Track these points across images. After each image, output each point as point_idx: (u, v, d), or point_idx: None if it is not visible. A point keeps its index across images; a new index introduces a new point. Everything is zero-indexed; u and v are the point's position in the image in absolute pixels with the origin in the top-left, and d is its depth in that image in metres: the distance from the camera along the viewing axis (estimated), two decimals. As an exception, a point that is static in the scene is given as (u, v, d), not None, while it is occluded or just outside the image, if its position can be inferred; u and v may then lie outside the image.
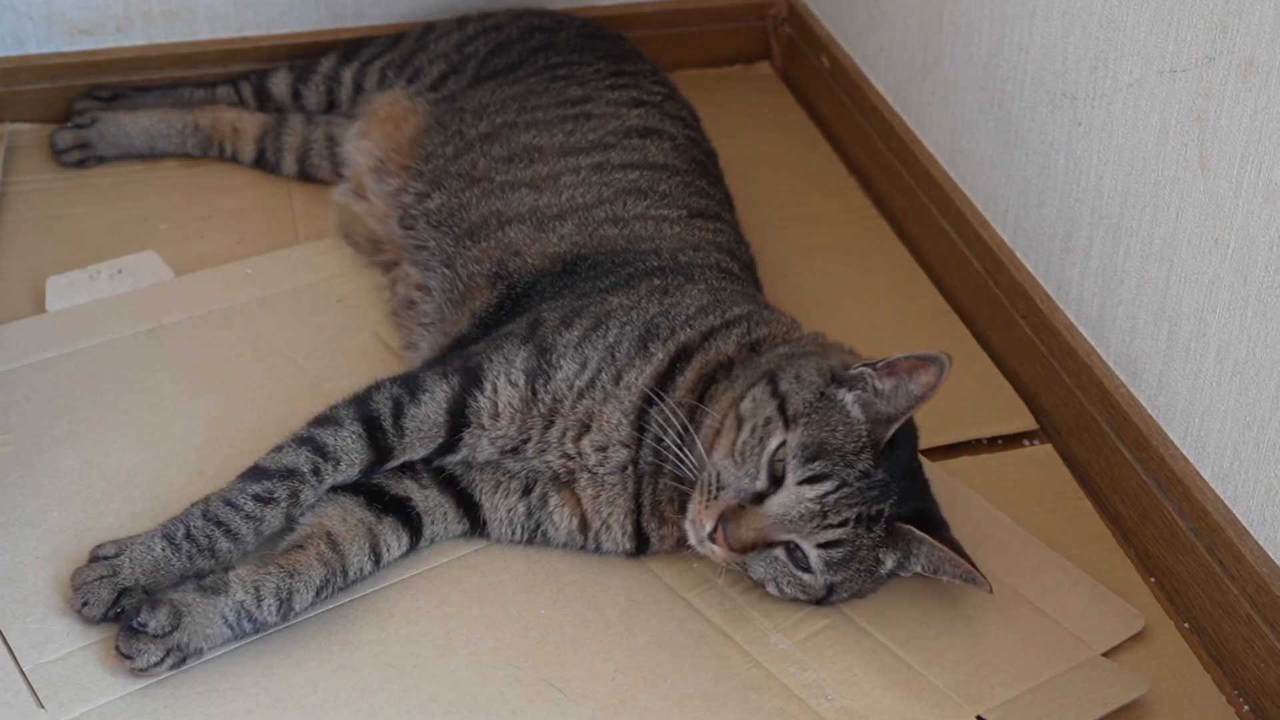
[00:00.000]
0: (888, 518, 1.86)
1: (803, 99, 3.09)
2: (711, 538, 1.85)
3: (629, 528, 2.01)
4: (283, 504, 1.93)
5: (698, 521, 1.87)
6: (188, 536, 1.88)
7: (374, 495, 2.01)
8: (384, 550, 1.99)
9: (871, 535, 1.86)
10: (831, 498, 1.83)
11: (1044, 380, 2.32)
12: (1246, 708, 1.93)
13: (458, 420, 2.02)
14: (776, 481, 1.85)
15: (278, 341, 2.33)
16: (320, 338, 2.37)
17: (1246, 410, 1.92)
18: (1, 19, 2.79)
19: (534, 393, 2.01)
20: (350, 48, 2.84)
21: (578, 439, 2.00)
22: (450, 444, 2.03)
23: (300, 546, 1.93)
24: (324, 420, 2.02)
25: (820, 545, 1.85)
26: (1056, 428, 2.30)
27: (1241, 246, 1.89)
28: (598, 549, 2.04)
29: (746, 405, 1.89)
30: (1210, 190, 1.94)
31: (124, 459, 2.11)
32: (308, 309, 2.40)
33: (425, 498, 2.03)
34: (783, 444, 1.85)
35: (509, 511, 2.05)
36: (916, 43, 2.65)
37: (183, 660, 1.82)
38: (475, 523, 2.05)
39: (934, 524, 1.92)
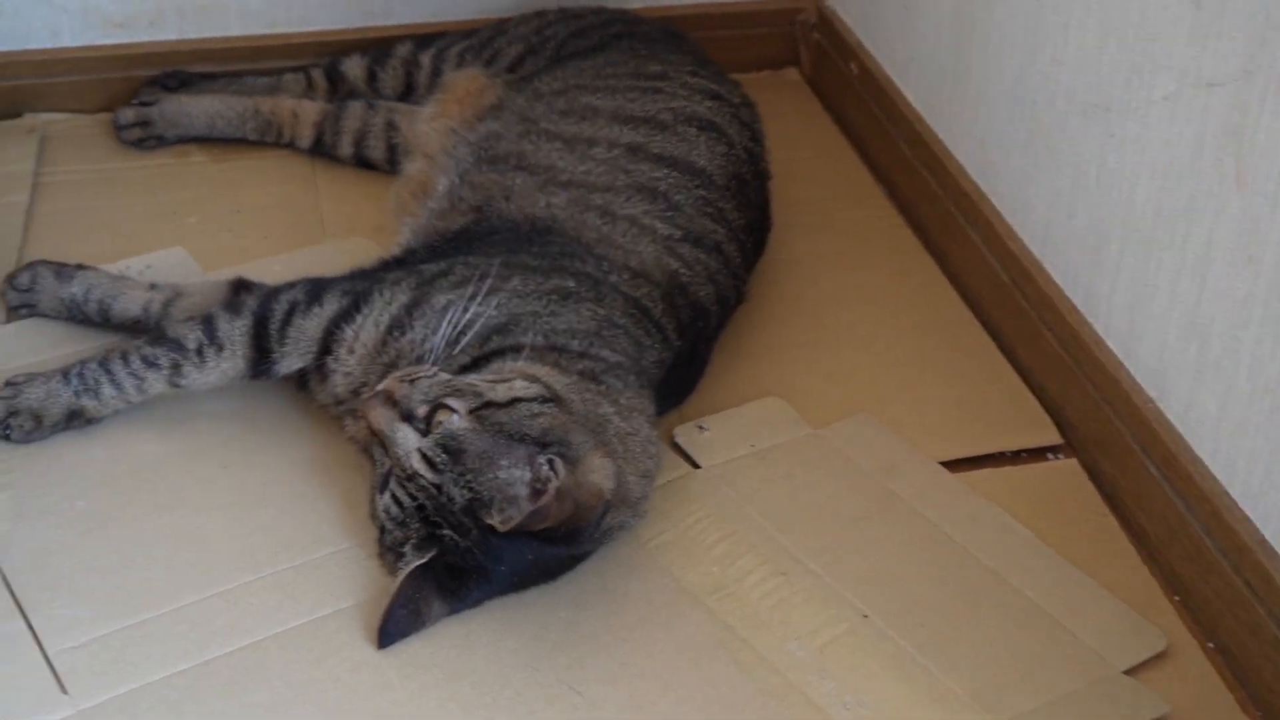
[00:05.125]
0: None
1: (830, 106, 3.09)
2: None
3: None
4: (165, 371, 2.10)
5: None
6: (79, 375, 2.11)
7: None
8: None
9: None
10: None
11: (1070, 394, 2.31)
12: (1269, 728, 1.93)
13: (328, 341, 2.07)
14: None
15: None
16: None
17: (1278, 429, 1.91)
18: (37, 11, 2.80)
19: (384, 342, 2.04)
20: (425, 36, 2.86)
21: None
22: (319, 363, 2.08)
23: None
24: (233, 305, 2.13)
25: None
26: (1082, 442, 2.29)
27: (1277, 263, 1.88)
28: None
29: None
30: (1246, 206, 1.93)
31: (150, 450, 2.12)
32: (334, 305, 2.40)
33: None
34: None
35: None
36: (947, 52, 2.65)
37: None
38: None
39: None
